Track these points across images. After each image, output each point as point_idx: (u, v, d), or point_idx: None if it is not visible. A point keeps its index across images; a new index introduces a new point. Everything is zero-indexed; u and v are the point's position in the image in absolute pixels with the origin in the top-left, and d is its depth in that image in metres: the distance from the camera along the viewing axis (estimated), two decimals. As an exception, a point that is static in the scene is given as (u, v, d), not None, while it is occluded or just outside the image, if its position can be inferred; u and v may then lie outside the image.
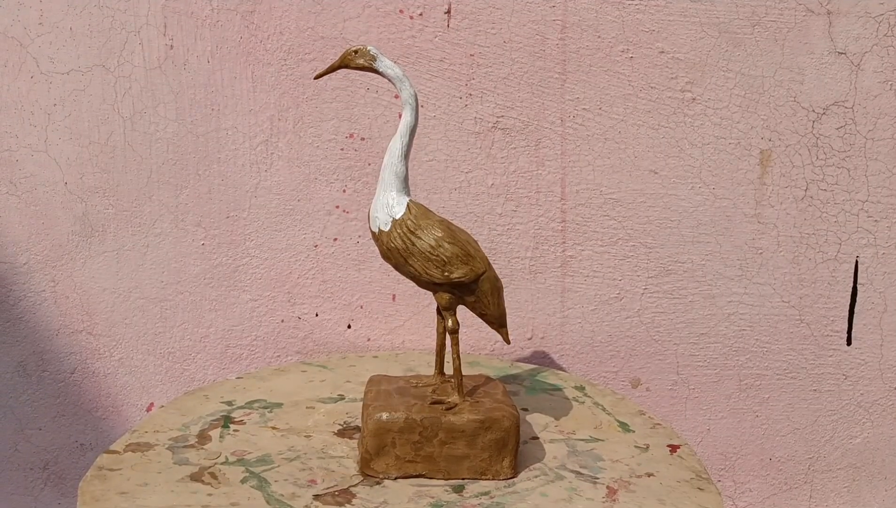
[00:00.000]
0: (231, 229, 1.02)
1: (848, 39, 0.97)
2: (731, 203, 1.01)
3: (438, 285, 0.75)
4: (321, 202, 1.01)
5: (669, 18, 0.97)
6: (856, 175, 1.00)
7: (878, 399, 1.05)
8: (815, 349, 1.04)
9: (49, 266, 1.02)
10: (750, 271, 1.02)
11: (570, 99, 0.99)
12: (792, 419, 1.06)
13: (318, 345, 1.04)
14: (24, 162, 1.00)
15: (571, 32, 0.98)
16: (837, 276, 1.02)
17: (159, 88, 0.99)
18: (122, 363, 1.05)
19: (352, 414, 0.86)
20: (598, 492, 0.75)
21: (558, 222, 1.01)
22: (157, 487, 0.73)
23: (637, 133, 0.99)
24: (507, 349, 1.04)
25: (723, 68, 0.98)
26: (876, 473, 1.07)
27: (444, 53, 0.98)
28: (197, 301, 1.03)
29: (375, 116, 0.99)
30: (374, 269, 1.02)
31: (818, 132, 0.99)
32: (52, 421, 1.06)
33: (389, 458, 0.75)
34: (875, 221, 1.01)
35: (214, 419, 0.85)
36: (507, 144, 1.00)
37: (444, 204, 1.01)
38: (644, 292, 1.03)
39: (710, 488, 0.77)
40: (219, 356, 1.05)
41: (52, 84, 0.99)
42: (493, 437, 0.75)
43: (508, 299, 1.02)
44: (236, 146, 1.00)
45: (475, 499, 0.73)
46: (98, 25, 0.97)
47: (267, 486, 0.74)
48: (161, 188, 1.01)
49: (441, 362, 0.81)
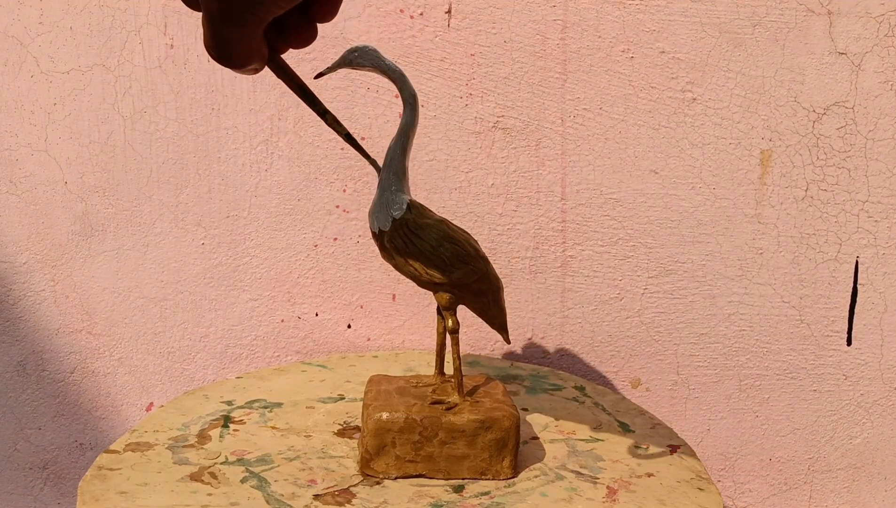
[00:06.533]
0: (231, 229, 1.02)
1: (848, 40, 0.97)
2: (731, 203, 1.01)
3: (438, 285, 0.75)
4: (321, 202, 1.01)
5: (670, 18, 0.97)
6: (856, 175, 1.00)
7: (878, 399, 1.05)
8: (815, 349, 1.04)
9: (49, 266, 1.02)
10: (750, 272, 1.02)
11: (571, 99, 0.99)
12: (792, 419, 1.06)
13: (318, 345, 1.04)
14: (23, 161, 1.00)
15: (572, 32, 0.98)
16: (838, 276, 1.02)
17: (159, 87, 0.99)
18: (122, 363, 1.05)
19: (352, 414, 0.86)
20: (598, 492, 0.75)
21: (558, 222, 1.01)
22: (157, 487, 0.73)
23: (637, 133, 0.99)
24: (507, 348, 1.04)
25: (723, 68, 0.98)
26: (876, 473, 1.07)
27: (445, 53, 0.98)
28: (197, 301, 1.03)
29: (375, 115, 0.99)
30: (374, 269, 1.02)
31: (819, 132, 0.99)
32: (52, 421, 1.06)
33: (389, 458, 0.75)
34: (875, 221, 1.01)
35: (214, 418, 0.85)
36: (508, 143, 1.00)
37: (444, 204, 1.01)
38: (644, 292, 1.03)
39: (710, 488, 0.77)
40: (218, 355, 1.04)
41: (52, 83, 0.98)
42: (493, 437, 0.75)
43: (508, 299, 1.02)
44: (236, 146, 1.00)
45: (475, 499, 0.73)
46: (98, 25, 0.97)
47: (267, 486, 0.74)
48: (161, 188, 1.01)
49: (441, 362, 0.81)
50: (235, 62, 0.43)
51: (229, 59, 0.43)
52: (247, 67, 0.44)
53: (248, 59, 0.43)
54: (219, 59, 0.43)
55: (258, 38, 0.42)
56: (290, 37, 0.45)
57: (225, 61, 0.43)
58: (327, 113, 0.50)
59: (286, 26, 0.44)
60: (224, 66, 0.44)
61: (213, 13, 0.40)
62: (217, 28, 0.41)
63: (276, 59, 0.47)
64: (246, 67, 0.44)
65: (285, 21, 0.44)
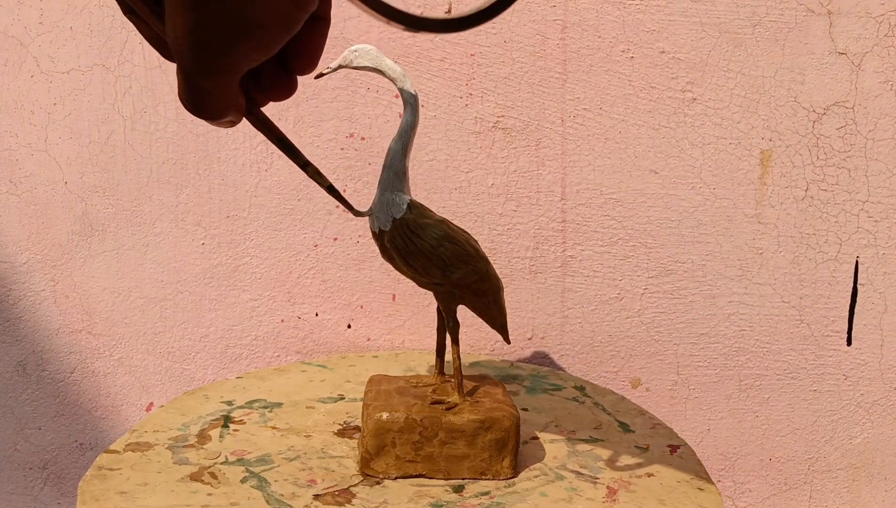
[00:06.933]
0: (231, 229, 1.02)
1: (848, 40, 0.97)
2: (731, 203, 1.01)
3: (439, 285, 0.75)
4: (321, 202, 1.01)
5: (670, 18, 0.97)
6: (856, 175, 1.00)
7: (878, 399, 1.05)
8: (815, 349, 1.04)
9: (49, 266, 1.02)
10: (750, 272, 1.02)
11: (571, 99, 0.99)
12: (792, 419, 1.06)
13: (318, 345, 1.04)
14: (23, 161, 1.00)
15: (572, 32, 0.98)
16: (838, 276, 1.02)
17: (159, 87, 0.99)
18: (122, 363, 1.05)
19: (352, 414, 0.86)
20: (598, 492, 0.75)
21: (558, 222, 1.01)
22: (157, 487, 0.73)
23: (637, 133, 0.99)
24: (507, 348, 1.04)
25: (723, 68, 0.98)
26: (876, 473, 1.07)
27: (445, 53, 0.98)
28: (197, 301, 1.03)
29: (376, 115, 0.99)
30: (374, 269, 1.02)
31: (819, 132, 0.99)
32: (52, 421, 1.06)
33: (389, 458, 0.75)
34: (875, 221, 1.01)
35: (214, 418, 0.85)
36: (508, 143, 1.00)
37: (444, 204, 1.01)
38: (644, 292, 1.03)
39: (710, 488, 0.77)
40: (219, 355, 1.04)
41: (52, 83, 0.98)
42: (493, 437, 0.75)
43: (508, 299, 1.02)
44: (236, 146, 1.00)
45: (475, 499, 0.73)
46: (98, 24, 0.97)
47: (267, 486, 0.74)
48: (161, 188, 1.01)
49: (441, 362, 0.81)
50: (210, 114, 0.42)
51: (203, 111, 0.42)
52: (222, 120, 0.43)
53: (222, 111, 0.42)
54: (193, 111, 0.42)
55: (234, 90, 0.41)
56: (268, 89, 0.44)
57: (200, 113, 0.42)
58: (308, 165, 0.49)
59: (264, 78, 0.43)
60: (199, 117, 0.42)
61: (186, 64, 0.39)
62: (190, 80, 0.40)
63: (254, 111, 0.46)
64: (221, 119, 0.42)
65: (263, 72, 0.43)
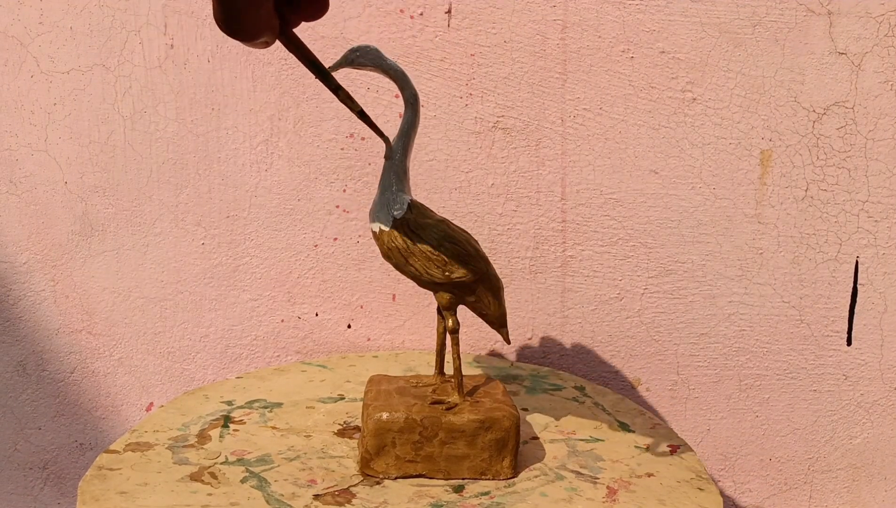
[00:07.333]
0: (231, 229, 1.02)
1: (848, 40, 0.97)
2: (731, 203, 1.01)
3: (439, 285, 0.75)
4: (321, 202, 1.01)
5: (670, 18, 0.97)
6: (856, 175, 1.00)
7: (878, 399, 1.05)
8: (815, 349, 1.04)
9: (49, 266, 1.02)
10: (750, 272, 1.02)
11: (571, 99, 0.99)
12: (792, 419, 1.06)
13: (318, 345, 1.04)
14: (23, 161, 1.00)
15: (572, 32, 0.98)
16: (838, 276, 1.02)
17: (159, 87, 0.99)
18: (122, 363, 1.05)
19: (352, 414, 0.86)
20: (598, 492, 0.75)
21: (558, 222, 1.01)
22: (157, 487, 0.73)
23: (637, 133, 0.99)
24: (507, 349, 1.04)
25: (723, 68, 0.98)
26: (876, 473, 1.07)
27: (445, 53, 0.98)
28: (197, 301, 1.03)
29: (376, 115, 0.99)
30: (374, 269, 1.02)
31: (819, 132, 0.99)
32: (52, 421, 1.06)
33: (389, 458, 0.75)
34: (875, 221, 1.01)
35: (214, 418, 0.85)
36: (508, 143, 1.00)
37: (444, 204, 1.01)
38: (644, 292, 1.03)
39: (710, 488, 0.77)
40: (219, 355, 1.04)
41: (52, 83, 0.98)
42: (493, 437, 0.75)
43: (508, 299, 1.02)
44: (236, 146, 1.00)
45: (475, 499, 0.73)
46: (98, 25, 0.97)
47: (267, 486, 0.74)
48: (161, 188, 1.01)
49: (441, 362, 0.81)
50: (245, 34, 0.41)
51: (239, 30, 0.41)
52: (257, 40, 0.42)
53: (258, 31, 0.41)
54: (228, 31, 0.41)
55: (268, 9, 0.41)
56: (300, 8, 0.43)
57: (234, 33, 0.42)
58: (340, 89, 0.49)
59: None
60: (234, 38, 0.42)
61: None
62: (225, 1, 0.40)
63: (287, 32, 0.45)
64: (256, 39, 0.42)
65: None
